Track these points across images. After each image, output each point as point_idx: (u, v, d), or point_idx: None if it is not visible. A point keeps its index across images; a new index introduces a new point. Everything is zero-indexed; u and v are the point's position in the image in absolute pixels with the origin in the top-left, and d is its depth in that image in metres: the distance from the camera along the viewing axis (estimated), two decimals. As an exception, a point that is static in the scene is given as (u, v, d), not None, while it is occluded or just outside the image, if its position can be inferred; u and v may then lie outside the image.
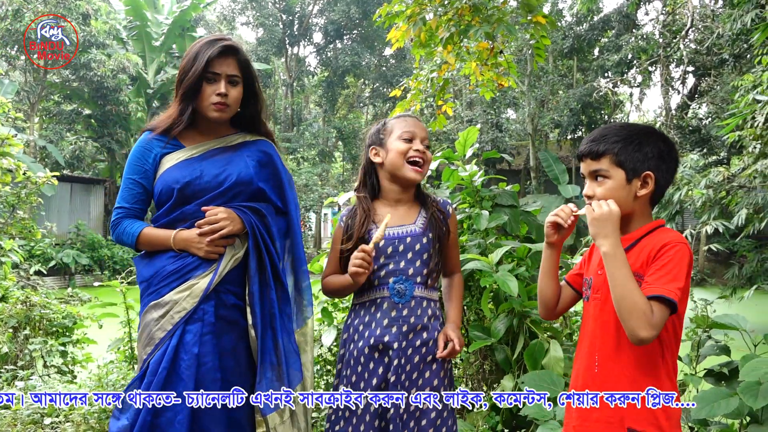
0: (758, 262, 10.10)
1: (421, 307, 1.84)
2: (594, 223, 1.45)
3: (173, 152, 1.92)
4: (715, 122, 16.55)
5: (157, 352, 1.76)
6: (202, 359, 1.76)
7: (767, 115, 6.08)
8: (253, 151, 1.99)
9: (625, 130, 1.53)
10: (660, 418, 1.43)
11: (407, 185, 1.92)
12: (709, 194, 8.47)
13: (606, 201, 1.46)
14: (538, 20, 4.39)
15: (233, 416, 1.80)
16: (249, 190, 1.93)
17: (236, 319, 1.87)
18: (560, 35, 19.65)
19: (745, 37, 11.00)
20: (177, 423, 1.70)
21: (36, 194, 5.87)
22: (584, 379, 1.55)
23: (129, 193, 1.93)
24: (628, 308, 1.36)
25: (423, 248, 1.84)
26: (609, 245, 1.42)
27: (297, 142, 25.08)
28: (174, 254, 1.85)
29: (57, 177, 5.64)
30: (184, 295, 1.79)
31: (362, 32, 26.47)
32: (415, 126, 1.93)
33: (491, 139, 20.13)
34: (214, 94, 1.86)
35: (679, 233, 1.52)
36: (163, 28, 20.28)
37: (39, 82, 17.75)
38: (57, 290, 9.20)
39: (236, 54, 1.90)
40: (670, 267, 1.41)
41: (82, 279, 15.76)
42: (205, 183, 1.88)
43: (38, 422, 2.94)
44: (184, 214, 1.87)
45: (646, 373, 1.45)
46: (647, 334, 1.35)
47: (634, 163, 1.50)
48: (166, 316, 1.79)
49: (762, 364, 2.10)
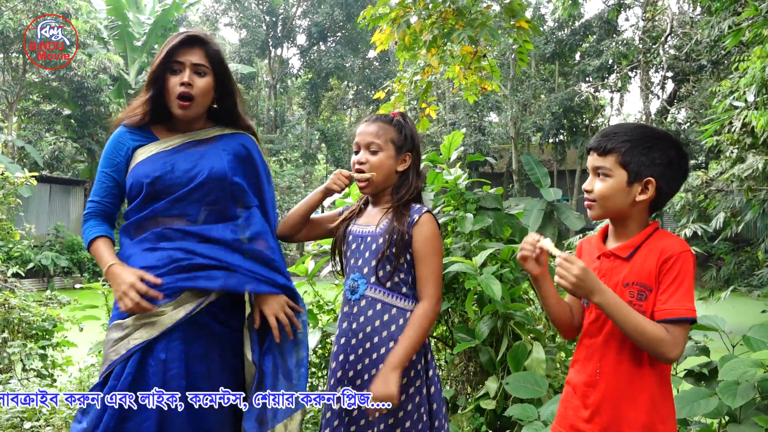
0: (735, 264, 10.27)
1: (373, 309, 1.77)
2: (572, 291, 1.41)
3: (146, 145, 1.85)
4: (693, 127, 16.82)
5: (117, 366, 1.68)
6: (168, 365, 1.70)
7: (744, 121, 6.20)
8: (231, 144, 1.91)
9: (639, 131, 1.49)
10: (656, 423, 1.44)
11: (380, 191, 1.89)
12: (688, 198, 8.61)
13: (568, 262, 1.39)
14: (521, 25, 4.44)
15: (201, 423, 1.72)
16: (222, 186, 1.83)
17: (207, 323, 1.79)
18: (542, 40, 19.85)
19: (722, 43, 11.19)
20: (145, 429, 1.64)
21: (14, 195, 5.79)
22: (585, 384, 1.52)
23: (100, 187, 1.86)
24: (644, 340, 1.38)
25: (378, 248, 1.79)
26: (598, 299, 1.39)
27: (280, 144, 24.99)
28: (147, 265, 1.74)
29: (36, 177, 5.58)
30: (146, 321, 1.69)
31: (346, 34, 26.48)
32: (358, 135, 1.88)
33: (474, 143, 20.26)
34: (178, 84, 1.79)
35: (679, 238, 1.49)
36: (145, 28, 20.08)
37: (18, 81, 17.49)
38: (35, 293, 9.06)
39: (203, 45, 1.84)
40: (680, 281, 1.40)
41: (61, 281, 15.53)
42: (176, 178, 1.79)
43: (18, 426, 2.89)
44: (155, 212, 1.79)
45: (644, 381, 1.45)
46: (675, 354, 1.38)
47: (639, 166, 1.45)
48: (123, 340, 1.70)
49: (740, 364, 2.14)
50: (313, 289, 3.16)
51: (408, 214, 1.81)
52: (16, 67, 17.79)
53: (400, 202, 1.84)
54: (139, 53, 20.06)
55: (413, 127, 1.93)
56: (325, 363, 3.14)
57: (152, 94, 1.83)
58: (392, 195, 1.88)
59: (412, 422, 1.72)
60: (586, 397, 1.52)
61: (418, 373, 1.76)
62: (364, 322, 1.78)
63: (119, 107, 18.79)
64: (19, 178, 5.57)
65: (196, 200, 1.81)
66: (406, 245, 1.79)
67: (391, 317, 1.77)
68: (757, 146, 6.71)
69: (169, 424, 1.67)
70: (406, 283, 1.81)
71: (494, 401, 2.51)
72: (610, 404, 1.47)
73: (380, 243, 1.80)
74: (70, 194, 18.74)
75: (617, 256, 1.50)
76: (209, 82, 1.85)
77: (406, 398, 1.73)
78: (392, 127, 1.87)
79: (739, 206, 8.68)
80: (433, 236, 1.80)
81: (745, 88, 6.11)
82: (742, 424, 2.14)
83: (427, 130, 6.13)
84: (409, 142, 1.88)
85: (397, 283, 1.79)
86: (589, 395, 1.51)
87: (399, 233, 1.77)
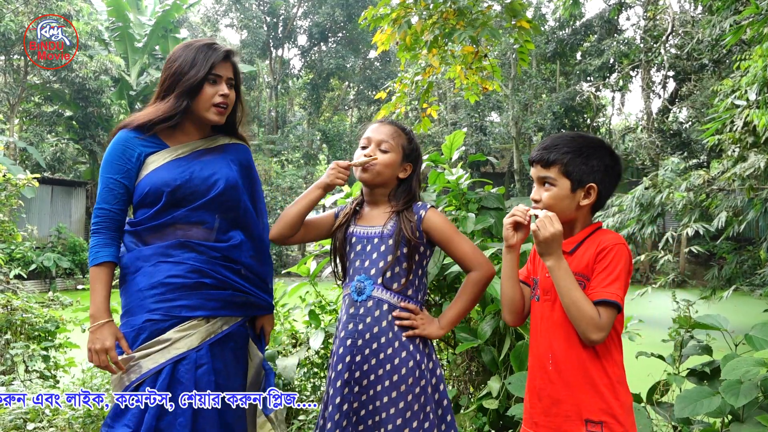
0: (737, 263, 10.28)
1: (379, 310, 1.79)
2: (541, 244, 1.53)
3: (158, 151, 1.87)
4: (695, 126, 16.83)
5: (149, 376, 1.74)
6: (198, 361, 1.78)
7: (746, 120, 6.19)
8: (235, 154, 1.99)
9: (576, 141, 1.62)
10: (613, 406, 1.52)
11: (370, 187, 1.91)
12: (690, 197, 8.59)
13: (550, 219, 1.53)
14: (522, 25, 4.45)
15: (224, 419, 1.81)
16: (235, 194, 1.91)
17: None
18: (543, 40, 19.85)
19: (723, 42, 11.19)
20: (178, 425, 1.71)
21: (16, 197, 5.81)
22: (540, 378, 1.62)
23: (110, 194, 1.85)
24: (577, 315, 1.49)
25: (387, 250, 1.82)
26: (553, 261, 1.53)
27: (281, 145, 25.00)
28: (173, 274, 1.81)
29: (37, 179, 5.59)
30: (184, 335, 1.79)
31: (347, 35, 26.49)
32: (370, 131, 1.91)
33: (475, 142, 20.26)
34: (218, 95, 1.87)
35: (617, 233, 1.63)
36: (145, 29, 20.10)
37: (19, 83, 17.51)
38: (38, 294, 9.08)
39: (233, 60, 1.94)
40: (609, 269, 1.52)
41: (63, 283, 15.55)
42: (195, 186, 1.84)
43: (21, 427, 2.90)
44: (174, 219, 1.84)
45: (596, 366, 1.54)
46: (597, 336, 1.49)
47: (581, 174, 1.59)
48: (160, 351, 1.76)
49: (743, 363, 2.14)
50: (315, 290, 3.17)
51: (413, 213, 1.86)
52: (17, 69, 17.81)
53: (404, 206, 1.87)
54: (140, 54, 20.08)
55: (418, 144, 1.99)
56: (328, 364, 3.14)
57: (189, 101, 1.86)
58: (390, 199, 1.91)
59: (419, 422, 1.74)
60: (543, 390, 1.61)
61: (423, 373, 1.78)
62: (371, 322, 1.80)
63: (120, 108, 18.84)
64: (21, 180, 5.59)
65: (214, 208, 1.88)
66: (418, 244, 1.83)
67: (395, 318, 1.80)
68: (759, 145, 6.70)
69: (201, 419, 1.75)
70: (413, 285, 1.84)
71: (497, 401, 2.51)
72: (566, 393, 1.56)
73: (390, 244, 1.82)
74: (71, 196, 18.76)
75: (563, 250, 1.60)
76: (235, 95, 1.95)
77: (412, 398, 1.75)
78: (404, 135, 1.93)
79: (741, 205, 8.68)
80: (445, 221, 1.87)
81: (747, 87, 6.10)
82: (745, 423, 2.14)
83: (428, 130, 6.13)
84: (414, 154, 1.94)
85: (405, 285, 1.82)
86: (545, 387, 1.60)
87: (409, 232, 1.81)
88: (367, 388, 1.76)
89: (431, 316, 1.85)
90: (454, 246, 1.84)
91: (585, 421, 1.52)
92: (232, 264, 1.88)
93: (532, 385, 1.65)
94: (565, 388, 1.56)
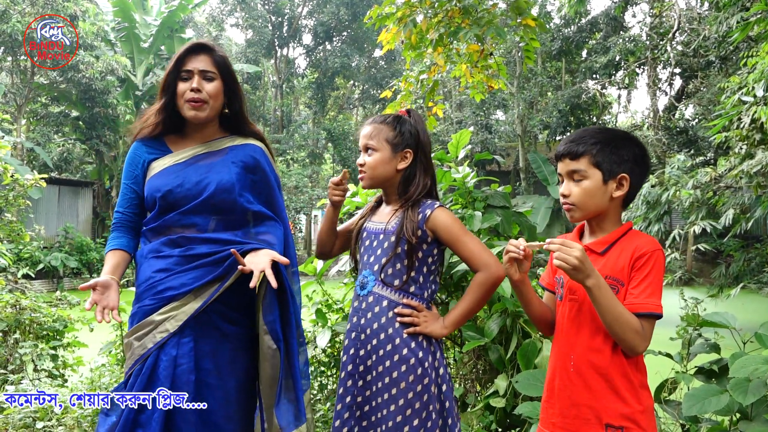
0: (744, 261, 10.23)
1: (380, 306, 1.80)
2: (573, 273, 1.44)
3: (161, 158, 1.95)
4: (701, 123, 16.74)
5: (137, 365, 1.80)
6: (178, 360, 1.79)
7: (753, 116, 6.16)
8: (240, 155, 1.98)
9: (603, 133, 1.58)
10: (635, 411, 1.49)
11: (374, 188, 1.96)
12: (697, 194, 8.56)
13: (565, 245, 1.44)
14: (528, 23, 4.43)
15: (209, 418, 1.80)
16: (230, 197, 1.90)
17: (216, 322, 1.86)
18: (549, 37, 19.79)
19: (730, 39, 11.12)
20: (153, 420, 1.74)
21: (23, 197, 5.84)
22: (561, 379, 1.58)
23: (123, 198, 1.98)
24: (622, 330, 1.44)
25: (389, 247, 1.82)
26: (592, 282, 1.44)
27: (287, 144, 25.03)
28: (160, 268, 1.84)
29: (45, 179, 5.62)
30: (167, 316, 1.80)
31: (352, 34, 26.48)
32: (360, 135, 1.93)
33: (481, 141, 20.22)
34: (188, 90, 1.89)
35: (652, 237, 1.57)
36: (151, 29, 20.15)
37: (26, 83, 17.60)
38: (45, 294, 9.12)
39: (209, 52, 1.94)
40: (651, 279, 1.48)
41: (71, 282, 15.62)
42: (186, 191, 1.88)
43: (30, 426, 2.92)
44: (166, 223, 1.89)
45: (619, 371, 1.50)
46: (643, 347, 1.46)
47: (611, 164, 1.55)
48: (149, 334, 1.80)
49: (751, 361, 2.13)
50: (321, 288, 3.18)
51: (418, 211, 1.82)
52: (24, 69, 17.90)
53: (409, 201, 1.85)
54: (146, 55, 20.14)
55: (417, 124, 1.92)
56: (335, 362, 3.15)
57: (165, 101, 1.93)
58: (399, 193, 1.89)
59: (420, 420, 1.73)
60: (562, 391, 1.57)
61: (426, 371, 1.76)
62: (372, 318, 1.80)
63: (127, 109, 18.90)
64: (28, 180, 5.61)
65: (206, 211, 1.89)
66: (420, 242, 1.81)
67: (395, 315, 1.79)
68: (766, 142, 6.66)
69: (178, 417, 1.76)
70: (415, 282, 1.82)
71: (504, 399, 2.51)
72: (587, 396, 1.52)
73: (392, 241, 1.82)
74: (78, 196, 18.85)
75: (592, 250, 1.57)
76: (218, 86, 1.94)
77: (414, 395, 1.74)
78: (386, 126, 1.88)
79: (749, 203, 8.64)
80: (453, 221, 1.82)
81: (754, 84, 6.07)
82: (754, 421, 2.14)
83: (434, 129, 6.13)
84: (407, 139, 1.88)
85: (406, 282, 1.80)
86: (564, 388, 1.57)
87: (410, 231, 1.79)
88: (369, 384, 1.77)
89: (437, 314, 1.83)
90: (461, 245, 1.81)
91: (605, 426, 1.49)
92: (218, 244, 1.86)
93: (551, 384, 1.62)
94: (585, 391, 1.52)
